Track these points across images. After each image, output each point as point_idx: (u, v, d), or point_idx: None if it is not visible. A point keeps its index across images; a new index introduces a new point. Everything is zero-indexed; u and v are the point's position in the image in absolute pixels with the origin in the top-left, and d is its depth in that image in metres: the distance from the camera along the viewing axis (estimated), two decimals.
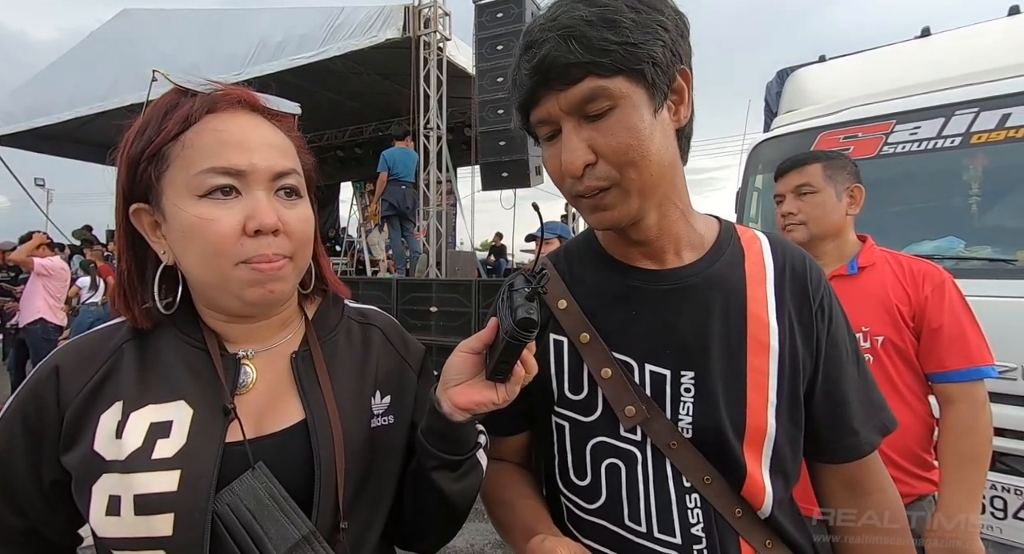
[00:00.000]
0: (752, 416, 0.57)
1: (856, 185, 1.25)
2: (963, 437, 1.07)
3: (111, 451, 0.49)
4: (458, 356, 0.55)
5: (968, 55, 2.02)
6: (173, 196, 0.51)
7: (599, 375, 0.61)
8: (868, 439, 0.62)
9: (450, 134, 6.27)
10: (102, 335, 0.56)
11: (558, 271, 0.67)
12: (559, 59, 0.50)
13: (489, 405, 0.54)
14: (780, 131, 2.36)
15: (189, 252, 0.51)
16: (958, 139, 1.82)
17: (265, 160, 0.52)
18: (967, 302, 1.15)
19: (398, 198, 5.37)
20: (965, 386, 1.09)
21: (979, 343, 1.10)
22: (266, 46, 5.96)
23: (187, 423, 0.51)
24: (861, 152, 2.05)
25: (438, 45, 5.51)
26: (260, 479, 0.51)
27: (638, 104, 0.52)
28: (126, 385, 0.52)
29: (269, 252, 0.51)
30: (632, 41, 0.50)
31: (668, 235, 0.61)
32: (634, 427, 0.59)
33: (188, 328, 0.57)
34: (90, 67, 7.31)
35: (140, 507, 0.47)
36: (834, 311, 0.62)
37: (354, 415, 0.59)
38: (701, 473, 0.57)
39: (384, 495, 0.60)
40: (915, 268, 1.17)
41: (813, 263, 0.64)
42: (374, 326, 0.68)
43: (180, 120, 0.51)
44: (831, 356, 0.61)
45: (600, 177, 0.54)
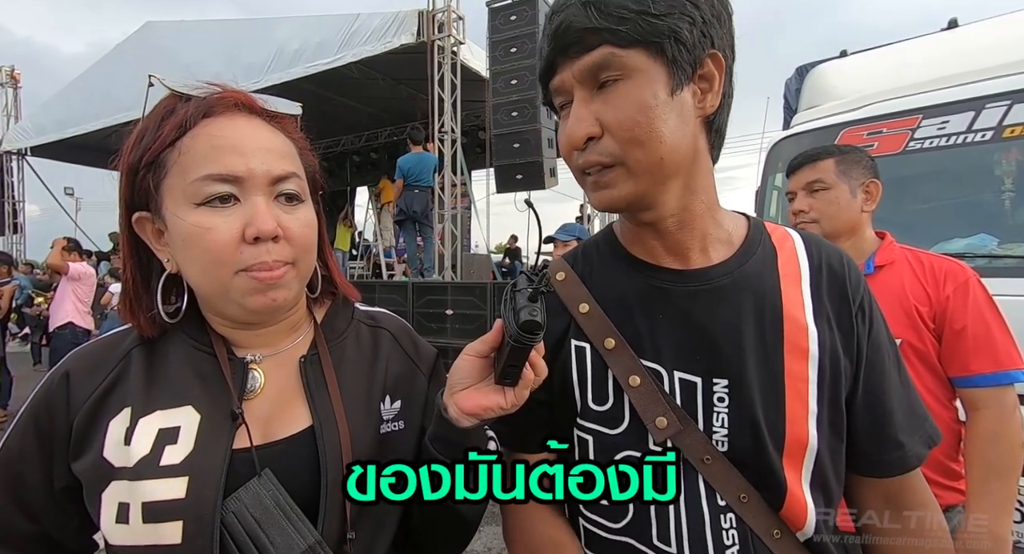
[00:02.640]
0: (792, 427, 0.53)
1: (872, 180, 1.20)
2: (991, 445, 1.01)
3: (120, 458, 0.49)
4: (464, 360, 0.53)
5: (998, 46, 1.95)
6: (171, 205, 0.50)
7: (627, 383, 0.56)
8: (914, 452, 0.56)
9: (464, 137, 6.30)
10: (111, 341, 0.56)
11: (577, 273, 0.63)
12: (575, 24, 0.49)
13: (497, 410, 0.52)
14: (800, 128, 2.30)
15: (189, 261, 0.51)
16: (989, 133, 1.75)
17: (263, 164, 0.51)
18: (994, 302, 1.08)
19: (408, 202, 5.41)
20: (992, 391, 1.03)
21: (1007, 345, 1.04)
22: (284, 54, 6.07)
23: (195, 429, 0.51)
24: (886, 148, 1.99)
25: (452, 49, 5.54)
26: (266, 486, 0.50)
27: (653, 80, 0.49)
28: (134, 391, 0.52)
29: (269, 259, 0.50)
30: (653, 12, 0.47)
31: (691, 230, 0.57)
32: (665, 440, 0.55)
33: (196, 333, 0.56)
34: (115, 78, 7.54)
35: (148, 515, 0.47)
36: (874, 313, 0.58)
37: (363, 421, 0.57)
38: (737, 491, 0.53)
39: (394, 504, 0.58)
40: (936, 266, 1.11)
41: (851, 262, 0.60)
42: (384, 329, 0.66)
43: (176, 126, 0.50)
44: (873, 362, 0.56)
45: (602, 152, 0.51)
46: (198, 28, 7.18)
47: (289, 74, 5.99)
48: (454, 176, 5.73)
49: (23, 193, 10.32)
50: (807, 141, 2.16)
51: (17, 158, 10.00)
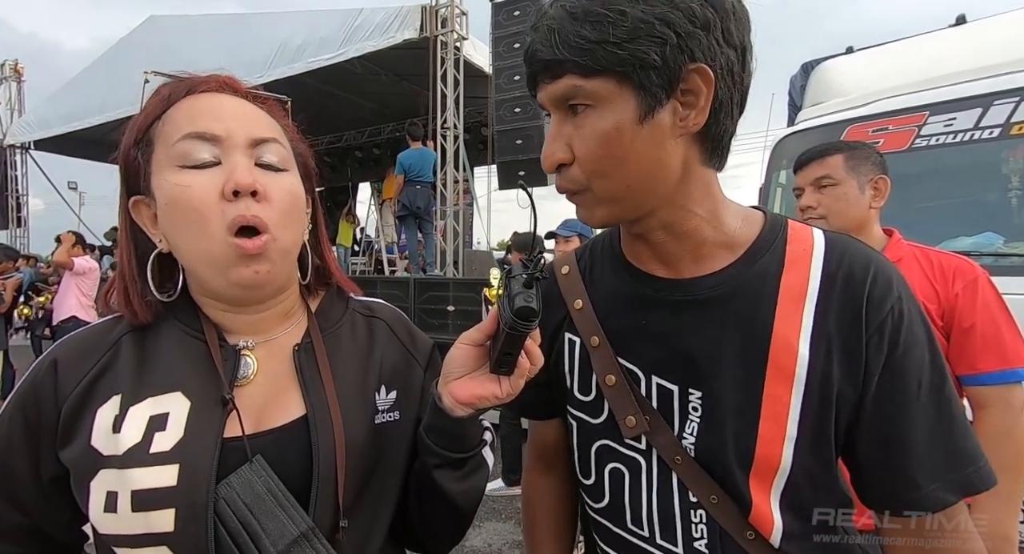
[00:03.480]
0: (763, 447, 0.51)
1: (881, 177, 1.19)
2: (998, 444, 0.99)
3: (108, 446, 0.48)
4: (459, 348, 0.53)
5: (1007, 42, 1.92)
6: (158, 173, 0.51)
7: (603, 381, 0.59)
8: (934, 495, 0.49)
9: (467, 134, 6.28)
10: (101, 328, 0.55)
11: (579, 269, 0.65)
12: (540, 53, 0.48)
13: (492, 399, 0.51)
14: (805, 125, 2.28)
15: (176, 226, 0.50)
16: (997, 130, 1.74)
17: (242, 127, 0.52)
18: (1003, 300, 1.07)
19: (411, 198, 5.40)
20: (1000, 389, 1.02)
21: (1016, 343, 1.03)
22: (287, 49, 6.06)
23: (184, 415, 0.50)
24: (892, 145, 1.97)
25: (455, 45, 5.52)
26: (258, 473, 0.49)
27: (618, 109, 0.47)
28: (124, 379, 0.51)
29: (248, 214, 0.49)
30: (612, 40, 0.45)
31: (682, 241, 0.55)
32: (638, 437, 0.57)
33: (187, 319, 0.56)
34: (119, 73, 7.54)
35: (138, 503, 0.46)
36: (903, 336, 0.50)
37: (357, 410, 0.57)
38: (708, 492, 0.54)
39: (388, 493, 0.59)
40: (945, 264, 1.10)
41: (882, 274, 0.52)
42: (379, 319, 0.66)
43: (161, 100, 0.52)
44: (889, 390, 0.50)
45: (571, 180, 0.51)
46: (201, 23, 7.17)
47: (292, 69, 5.98)
48: (456, 172, 5.71)
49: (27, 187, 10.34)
50: (812, 138, 2.14)
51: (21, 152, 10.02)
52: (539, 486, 0.73)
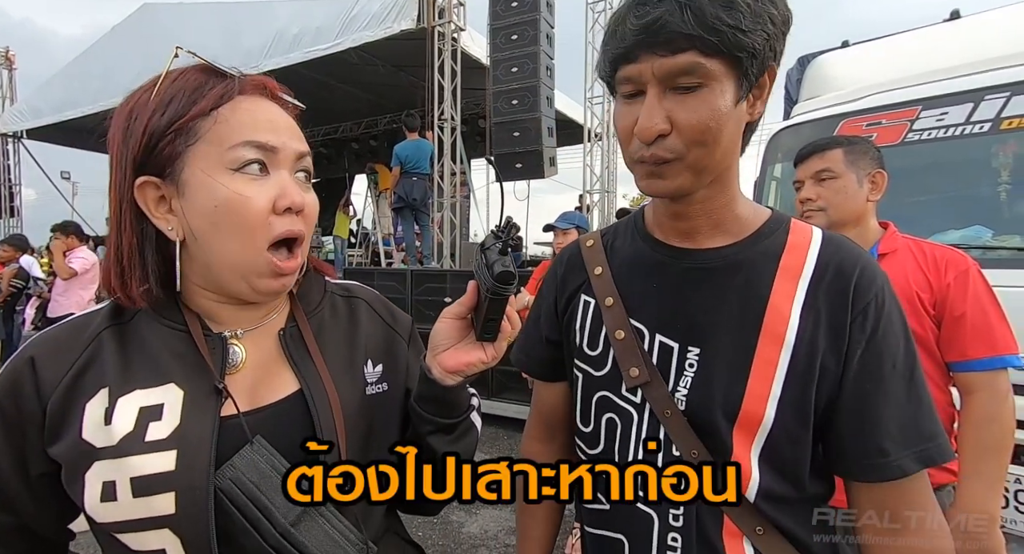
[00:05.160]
0: (749, 402, 0.56)
1: (878, 171, 1.22)
2: (984, 427, 1.04)
3: (101, 438, 0.48)
4: (443, 322, 0.57)
5: (999, 37, 1.94)
6: (203, 169, 0.50)
7: (613, 336, 0.64)
8: (898, 463, 0.55)
9: (464, 125, 6.27)
10: (76, 324, 0.55)
11: (603, 242, 0.72)
12: (670, 25, 0.49)
13: (479, 365, 0.56)
14: (800, 119, 2.30)
15: (219, 228, 0.50)
16: (987, 125, 1.76)
17: (291, 140, 0.54)
18: (992, 290, 1.11)
19: (407, 190, 5.40)
20: (987, 375, 1.06)
21: (1004, 332, 1.07)
22: (283, 39, 6.02)
23: (179, 404, 0.50)
24: (885, 139, 1.99)
25: (452, 35, 5.49)
26: (259, 452, 0.51)
27: (726, 89, 0.52)
28: (110, 371, 0.51)
29: (295, 228, 0.53)
30: (743, 27, 0.49)
31: (707, 216, 0.61)
32: (635, 389, 0.62)
33: (167, 312, 0.55)
34: (112, 61, 7.47)
35: (138, 489, 0.47)
36: (883, 321, 0.56)
37: (348, 383, 0.59)
38: (689, 446, 0.58)
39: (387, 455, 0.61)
40: (938, 255, 1.14)
41: (868, 268, 0.58)
42: (359, 299, 0.69)
43: (216, 97, 0.52)
44: (868, 367, 0.56)
45: (668, 149, 0.54)
46: (195, 10, 7.10)
47: (288, 59, 5.94)
48: (453, 164, 5.71)
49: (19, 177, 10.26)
50: (806, 132, 2.16)
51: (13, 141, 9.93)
52: (539, 455, 0.78)
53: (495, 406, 3.97)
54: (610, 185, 6.67)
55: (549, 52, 4.82)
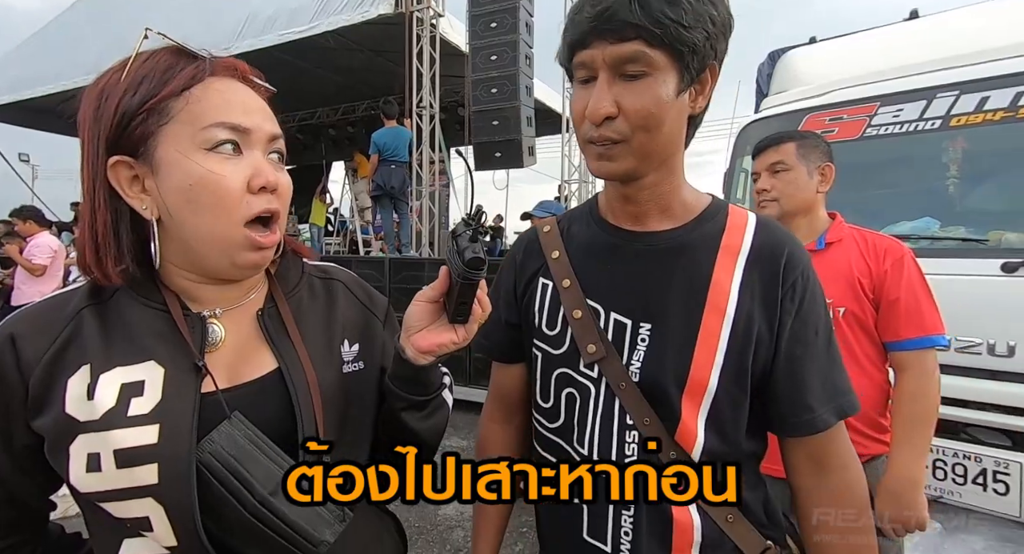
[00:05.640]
0: (696, 370, 0.62)
1: (827, 164, 1.30)
2: (913, 402, 1.14)
3: (84, 412, 0.50)
4: (416, 305, 0.60)
5: (952, 38, 2.04)
6: (177, 148, 0.51)
7: (571, 315, 0.68)
8: (823, 417, 0.63)
9: (443, 113, 6.22)
10: (55, 302, 0.56)
11: (559, 228, 0.76)
12: (619, 14, 0.54)
13: (451, 346, 0.59)
14: (768, 113, 2.38)
15: (195, 206, 0.52)
16: (938, 122, 1.86)
17: (264, 122, 0.56)
18: (924, 276, 1.20)
19: (385, 178, 5.35)
20: (917, 354, 1.15)
21: (932, 314, 1.16)
22: (256, 20, 5.85)
23: (160, 381, 0.52)
24: (846, 134, 2.08)
25: (431, 21, 5.43)
26: (238, 427, 0.53)
27: (668, 80, 0.57)
28: (91, 348, 0.52)
29: (271, 207, 0.54)
30: (685, 23, 0.54)
31: (656, 202, 0.67)
32: (592, 364, 0.66)
33: (146, 291, 0.56)
34: (76, 37, 7.15)
35: (122, 461, 0.49)
36: (808, 295, 0.64)
37: (325, 362, 0.61)
38: (642, 415, 0.63)
39: (363, 434, 0.64)
40: (878, 243, 1.22)
41: (795, 248, 0.65)
42: (336, 280, 0.71)
43: (187, 77, 0.53)
44: (797, 336, 0.63)
45: (615, 130, 0.59)
46: None
47: (261, 41, 5.78)
48: (432, 152, 5.68)
49: None
50: (775, 125, 2.24)
51: None
52: (495, 436, 0.82)
53: (473, 392, 4.02)
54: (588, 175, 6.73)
55: (528, 41, 4.81)
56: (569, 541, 0.68)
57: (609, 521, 0.64)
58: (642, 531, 0.63)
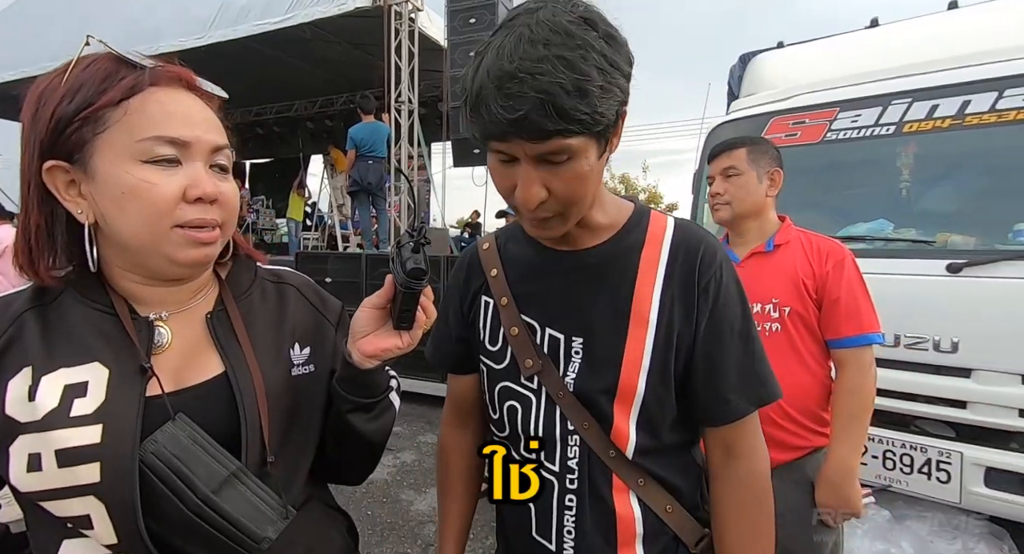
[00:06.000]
0: (625, 378, 0.65)
1: (776, 169, 1.36)
2: (851, 396, 1.21)
3: (25, 413, 0.50)
4: (363, 311, 0.62)
5: (906, 47, 2.13)
6: (111, 158, 0.52)
7: (509, 332, 0.71)
8: (738, 407, 0.67)
9: (423, 108, 6.18)
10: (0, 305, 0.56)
11: (497, 245, 0.78)
12: (536, 123, 0.53)
13: (395, 350, 0.61)
14: (735, 115, 2.44)
15: (126, 213, 0.52)
16: (892, 128, 1.94)
17: (206, 134, 0.56)
18: (863, 277, 1.27)
19: (362, 173, 5.30)
20: (855, 351, 1.22)
21: (869, 313, 1.23)
22: (229, 9, 5.72)
23: (104, 382, 0.52)
24: (807, 137, 2.15)
25: (410, 15, 5.38)
26: (182, 427, 0.54)
27: (589, 154, 0.58)
28: (33, 351, 0.53)
29: (207, 217, 0.55)
30: (599, 110, 0.54)
31: (581, 226, 0.69)
32: (531, 377, 0.70)
33: (93, 294, 0.57)
34: (38, 22, 6.88)
35: (63, 460, 0.49)
36: (722, 293, 0.67)
37: (273, 365, 0.62)
38: (581, 420, 0.67)
39: (310, 435, 0.66)
40: (821, 246, 1.28)
41: (709, 250, 0.68)
42: (288, 284, 0.72)
43: (126, 88, 0.53)
44: (713, 332, 0.66)
45: (548, 210, 0.61)
46: None
47: (235, 32, 5.65)
48: (411, 148, 5.65)
49: None
50: (743, 127, 2.30)
51: None
52: (452, 440, 0.85)
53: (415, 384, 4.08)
54: None
55: None
56: (521, 539, 0.71)
57: (553, 520, 0.68)
58: (586, 528, 0.66)
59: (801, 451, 1.24)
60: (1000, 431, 1.61)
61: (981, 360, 1.63)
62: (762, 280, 1.27)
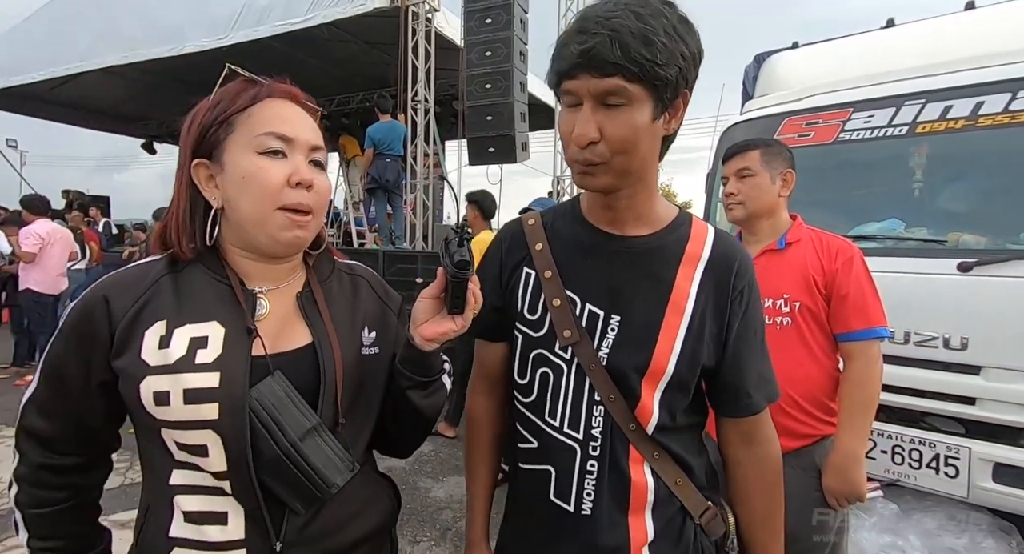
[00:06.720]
0: (657, 358, 0.72)
1: (788, 170, 1.40)
2: (858, 387, 1.26)
3: (157, 358, 0.62)
4: (422, 302, 0.71)
5: (920, 49, 2.14)
6: (236, 151, 0.66)
7: (550, 303, 0.77)
8: (757, 402, 0.76)
9: (438, 107, 6.26)
10: (140, 270, 0.69)
11: (543, 222, 0.84)
12: (602, 53, 0.61)
13: (451, 333, 0.69)
14: (749, 115, 2.47)
15: (244, 194, 0.65)
16: (905, 128, 1.96)
17: (306, 134, 0.69)
18: (871, 274, 1.32)
19: (380, 171, 5.41)
20: (863, 344, 1.27)
21: (876, 308, 1.28)
22: (251, 10, 5.84)
23: (221, 338, 0.64)
24: (821, 138, 2.18)
25: (426, 15, 5.46)
26: (279, 382, 0.65)
27: (644, 109, 0.64)
28: (167, 308, 0.65)
29: (303, 200, 0.66)
30: (658, 61, 0.61)
31: (632, 210, 0.75)
32: (566, 347, 0.75)
33: (213, 266, 0.69)
34: (67, 23, 7.07)
35: (189, 398, 0.60)
36: (751, 301, 0.76)
37: (348, 343, 0.73)
38: (608, 392, 0.73)
39: (373, 407, 0.76)
40: (831, 244, 1.33)
41: (744, 263, 0.76)
42: (360, 276, 0.83)
43: (249, 98, 0.68)
44: (741, 335, 0.75)
45: (597, 154, 0.67)
46: None
47: (257, 32, 5.78)
48: (427, 146, 5.73)
49: None
50: (756, 128, 2.33)
51: None
52: (482, 406, 0.91)
53: None
54: None
55: (523, 37, 4.86)
56: (537, 501, 0.77)
57: (573, 483, 0.74)
58: (604, 493, 0.73)
59: (809, 439, 1.30)
60: (1009, 427, 1.63)
61: (990, 357, 1.66)
62: (774, 276, 1.32)
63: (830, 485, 1.24)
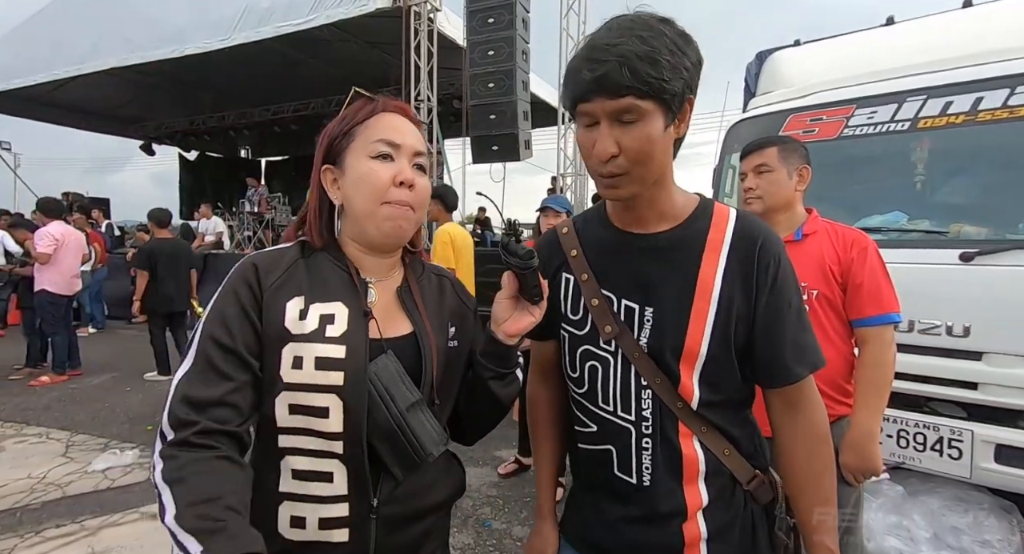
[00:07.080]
0: (690, 341, 0.77)
1: (804, 166, 1.48)
2: (874, 369, 1.33)
3: (296, 328, 0.71)
4: (500, 303, 0.80)
5: (920, 45, 2.20)
6: (354, 156, 0.77)
7: (590, 303, 0.84)
8: (796, 371, 0.79)
9: (440, 106, 6.30)
10: (279, 253, 0.79)
11: (576, 229, 0.91)
12: (614, 78, 0.67)
13: (530, 326, 0.79)
14: (754, 112, 2.53)
15: (357, 192, 0.76)
16: (907, 123, 2.02)
17: (411, 141, 0.79)
18: (884, 264, 1.39)
19: None
20: (878, 329, 1.34)
21: (890, 295, 1.35)
22: (253, 11, 5.87)
23: (345, 317, 0.74)
24: (825, 134, 2.24)
25: (429, 15, 5.49)
26: (391, 359, 0.75)
27: (656, 121, 0.70)
28: (304, 285, 0.75)
29: (405, 198, 0.76)
30: (665, 78, 0.67)
31: (653, 209, 0.81)
32: (610, 341, 0.82)
33: (336, 256, 0.80)
34: (66, 26, 7.08)
35: (319, 365, 0.70)
36: (780, 273, 0.78)
37: (439, 334, 0.83)
38: (653, 376, 0.79)
39: (452, 394, 0.85)
40: (846, 235, 1.41)
41: (768, 239, 0.79)
42: (446, 278, 0.93)
43: (367, 112, 0.80)
44: (771, 306, 0.78)
45: (618, 167, 0.73)
46: None
47: (258, 34, 5.81)
48: (429, 144, 5.77)
49: None
50: (761, 125, 2.39)
51: None
52: (538, 393, 1.00)
53: None
54: (583, 168, 6.86)
55: (525, 36, 4.91)
56: (603, 476, 0.85)
57: (633, 459, 0.81)
58: (659, 465, 0.80)
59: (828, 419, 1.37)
60: (1010, 410, 1.70)
61: (991, 344, 1.72)
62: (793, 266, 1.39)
63: (847, 461, 1.31)
